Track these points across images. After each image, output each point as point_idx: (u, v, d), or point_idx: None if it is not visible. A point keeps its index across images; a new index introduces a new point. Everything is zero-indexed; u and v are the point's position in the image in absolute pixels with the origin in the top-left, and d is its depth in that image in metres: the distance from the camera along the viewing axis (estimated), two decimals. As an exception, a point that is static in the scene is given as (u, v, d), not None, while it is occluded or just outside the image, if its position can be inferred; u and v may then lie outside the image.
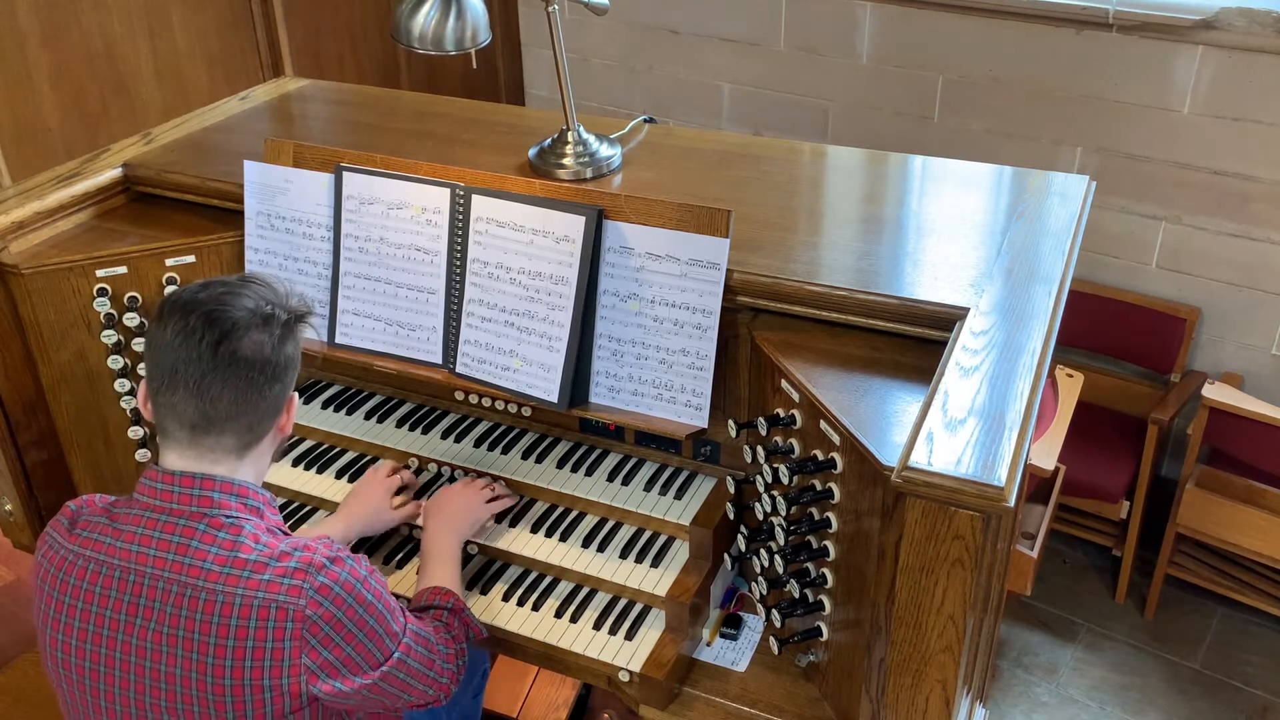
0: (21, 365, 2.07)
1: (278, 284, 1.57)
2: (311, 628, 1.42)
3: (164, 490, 1.46)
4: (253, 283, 1.54)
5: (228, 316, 1.45)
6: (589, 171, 2.11)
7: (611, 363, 1.86)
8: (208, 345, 1.43)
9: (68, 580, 1.47)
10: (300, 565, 1.43)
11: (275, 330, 1.49)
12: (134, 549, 1.45)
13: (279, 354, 1.49)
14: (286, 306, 1.53)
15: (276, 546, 1.45)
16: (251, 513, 1.49)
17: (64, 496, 2.19)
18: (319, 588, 1.42)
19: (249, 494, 1.49)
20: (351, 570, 1.47)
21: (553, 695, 2.49)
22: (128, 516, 1.47)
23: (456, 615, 1.72)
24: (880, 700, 1.52)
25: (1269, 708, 3.05)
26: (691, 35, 3.99)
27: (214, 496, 1.46)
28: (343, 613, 1.44)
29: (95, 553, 1.47)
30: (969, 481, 1.30)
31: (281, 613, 1.41)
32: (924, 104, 3.60)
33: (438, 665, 1.60)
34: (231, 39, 3.42)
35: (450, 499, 1.93)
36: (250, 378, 1.45)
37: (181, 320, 1.45)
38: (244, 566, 1.42)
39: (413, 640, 1.55)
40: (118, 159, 2.24)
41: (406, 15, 1.98)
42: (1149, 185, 3.31)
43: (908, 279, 1.75)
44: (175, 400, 1.44)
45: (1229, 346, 3.36)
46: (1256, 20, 2.96)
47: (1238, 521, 3.06)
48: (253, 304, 1.48)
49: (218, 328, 1.44)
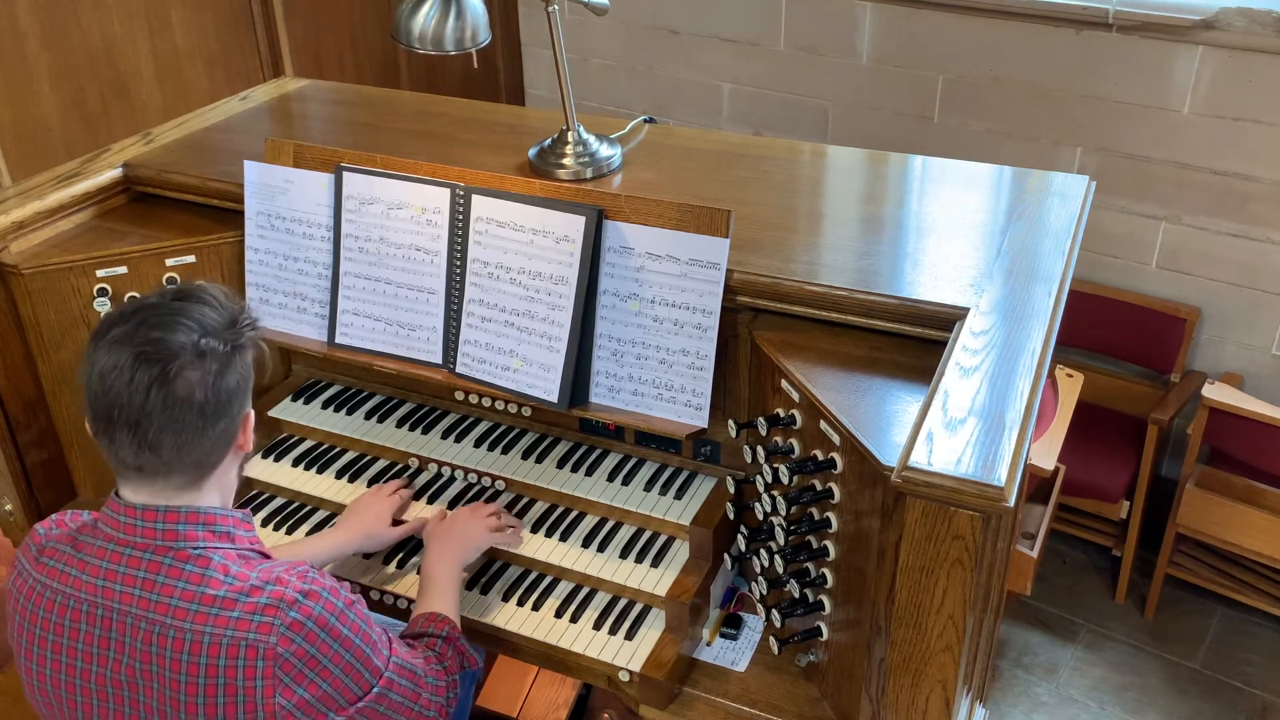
0: (21, 365, 2.07)
1: (217, 295, 1.45)
2: (283, 665, 1.37)
3: (126, 524, 1.40)
4: (189, 301, 1.41)
5: (160, 354, 1.34)
6: (589, 171, 2.11)
7: (611, 363, 1.86)
8: (139, 388, 1.33)
9: (37, 612, 1.43)
10: (271, 601, 1.37)
11: (212, 365, 1.37)
12: (99, 583, 1.39)
13: (220, 389, 1.38)
14: (225, 330, 1.41)
15: (247, 579, 1.39)
16: (221, 539, 1.42)
17: (64, 496, 2.19)
18: (290, 624, 1.37)
19: (215, 520, 1.42)
20: (326, 604, 1.40)
21: (553, 695, 2.49)
22: (92, 547, 1.42)
23: (451, 644, 1.67)
24: (880, 700, 1.52)
25: (1269, 708, 3.05)
26: (691, 35, 3.99)
27: (179, 529, 1.39)
28: (316, 648, 1.39)
29: (62, 585, 1.41)
30: (969, 481, 1.30)
31: (252, 651, 1.35)
32: (924, 104, 3.60)
33: (424, 698, 1.54)
34: (231, 39, 3.42)
35: (454, 524, 1.89)
36: (189, 420, 1.36)
37: (110, 358, 1.35)
38: (212, 603, 1.36)
39: (396, 674, 1.49)
40: (118, 159, 2.24)
41: (406, 15, 1.98)
42: (1149, 185, 3.31)
43: (908, 279, 1.75)
44: (115, 445, 1.36)
45: (1229, 346, 3.36)
46: (1256, 20, 2.96)
47: (1238, 521, 3.06)
48: (186, 337, 1.36)
49: (149, 369, 1.33)
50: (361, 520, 1.94)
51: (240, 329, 1.43)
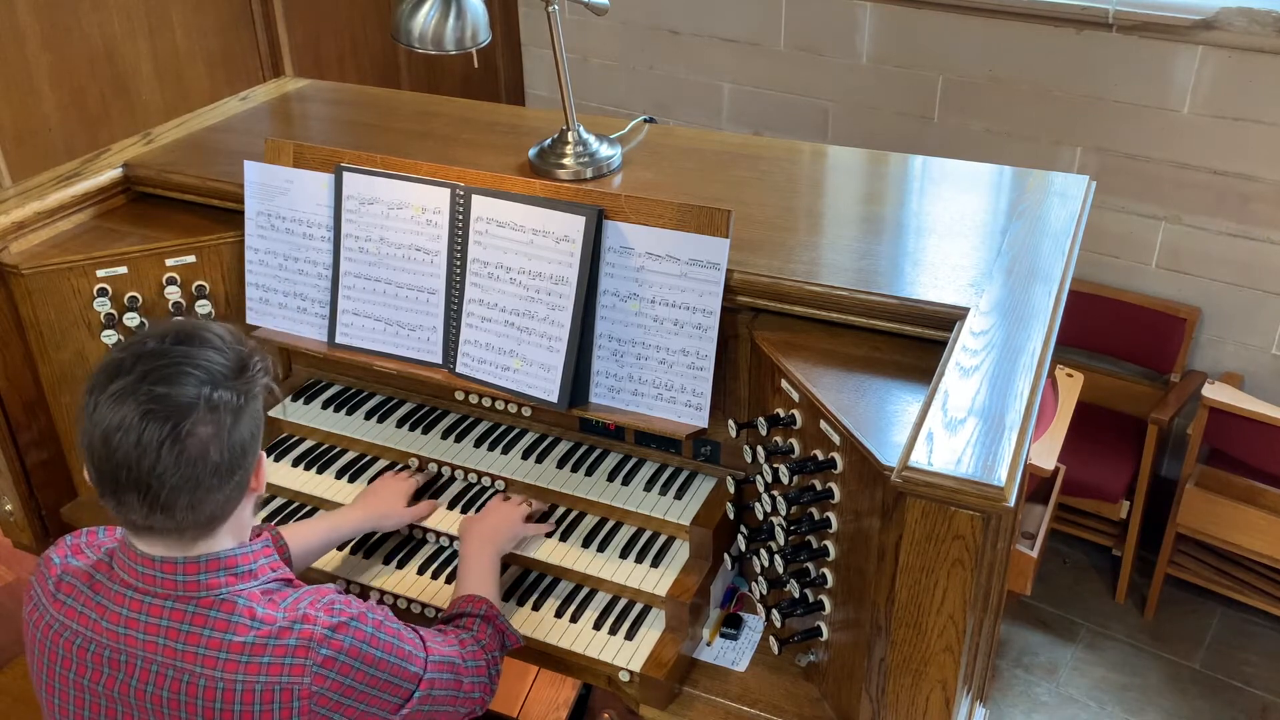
0: (21, 365, 2.07)
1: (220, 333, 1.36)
2: (319, 700, 1.35)
3: (145, 574, 1.34)
4: (192, 345, 1.32)
5: (168, 411, 1.26)
6: (589, 171, 2.11)
7: (611, 363, 1.86)
8: (149, 449, 1.25)
9: (55, 650, 1.39)
10: (301, 642, 1.33)
11: (226, 419, 1.29)
12: (120, 630, 1.35)
13: (234, 443, 1.31)
14: (235, 376, 1.33)
15: (275, 621, 1.34)
16: (243, 579, 1.37)
17: (64, 497, 2.19)
18: (323, 661, 1.34)
19: (236, 562, 1.37)
20: (355, 633, 1.38)
21: (553, 695, 2.49)
22: (109, 591, 1.37)
23: (490, 622, 1.67)
24: (880, 700, 1.52)
25: (1269, 708, 3.05)
26: (691, 35, 3.99)
27: (200, 579, 1.34)
28: (351, 679, 1.37)
29: (81, 626, 1.37)
30: (969, 481, 1.30)
31: (286, 694, 1.33)
32: (924, 104, 3.60)
33: (465, 683, 1.54)
34: (231, 39, 3.42)
35: (489, 514, 1.91)
36: (203, 479, 1.29)
37: (115, 415, 1.26)
38: (241, 650, 1.32)
39: (435, 671, 1.49)
40: (118, 159, 2.24)
41: (406, 15, 1.98)
42: (1149, 185, 3.31)
43: (908, 279, 1.75)
44: (123, 508, 1.30)
45: (1229, 346, 3.36)
46: (1256, 20, 2.96)
47: (1238, 521, 3.06)
48: (195, 389, 1.28)
49: (158, 428, 1.25)
50: (379, 499, 1.96)
51: (252, 377, 1.35)
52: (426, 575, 1.96)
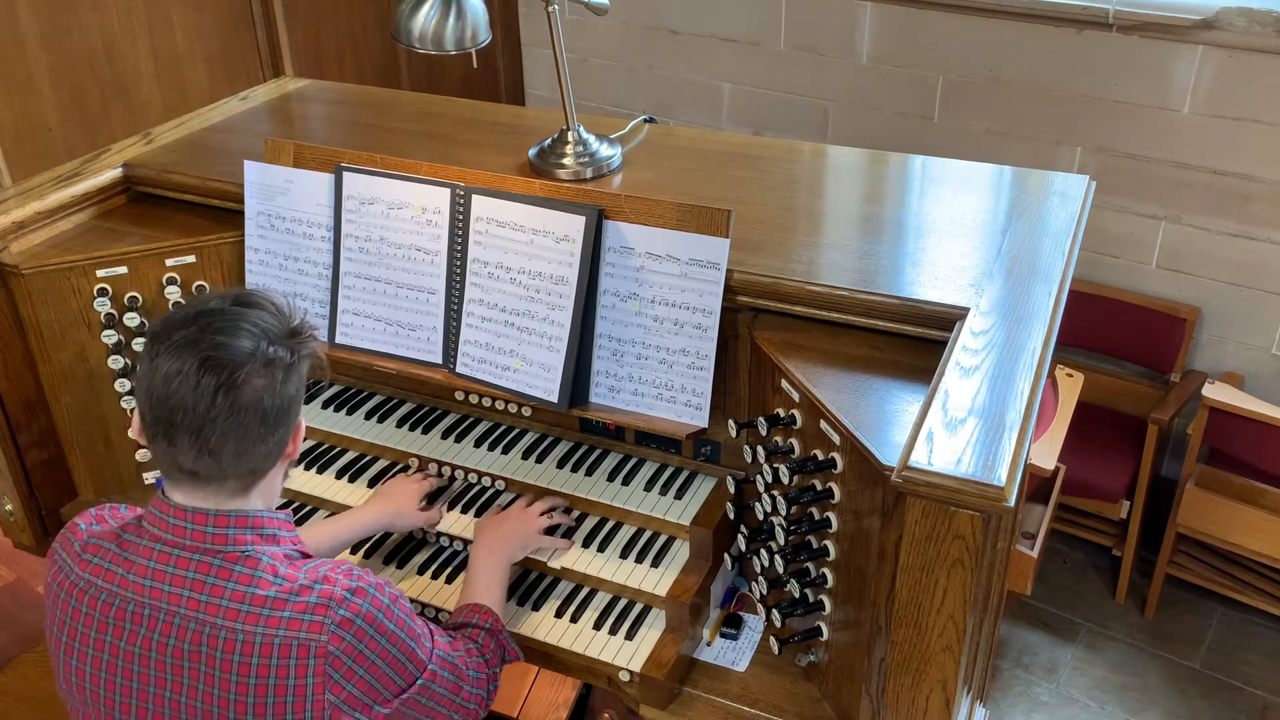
0: (22, 365, 2.07)
1: (276, 301, 1.46)
2: (334, 662, 1.37)
3: (175, 525, 1.40)
4: (249, 307, 1.42)
5: (226, 361, 1.35)
6: (589, 171, 2.11)
7: (611, 362, 1.86)
8: (205, 394, 1.33)
9: (79, 608, 1.43)
10: (321, 600, 1.38)
11: (277, 373, 1.39)
12: (147, 583, 1.40)
13: (283, 397, 1.40)
14: (288, 337, 1.42)
15: (296, 580, 1.40)
16: (268, 541, 1.43)
17: (64, 497, 2.19)
18: (340, 621, 1.38)
19: (263, 524, 1.43)
20: (373, 600, 1.42)
21: (553, 695, 2.49)
22: (138, 547, 1.42)
23: (493, 636, 1.68)
24: (880, 700, 1.52)
25: (1269, 708, 3.05)
26: (691, 35, 4.00)
27: (228, 533, 1.40)
28: (365, 645, 1.40)
29: (107, 583, 1.42)
30: (969, 481, 1.30)
31: (304, 650, 1.36)
32: (924, 104, 3.60)
33: (465, 690, 1.56)
34: (231, 39, 3.42)
35: (505, 521, 1.90)
36: (251, 427, 1.37)
37: (175, 362, 1.34)
38: (263, 604, 1.37)
39: (439, 665, 1.51)
40: (118, 159, 2.24)
41: (406, 15, 1.98)
42: (1149, 185, 3.31)
43: (908, 279, 1.75)
44: (173, 449, 1.37)
45: (1229, 346, 3.36)
46: (1256, 20, 2.96)
47: (1238, 521, 3.06)
48: (251, 343, 1.37)
49: (215, 375, 1.34)
50: (393, 500, 1.96)
51: (304, 339, 1.45)
52: (427, 575, 1.96)
